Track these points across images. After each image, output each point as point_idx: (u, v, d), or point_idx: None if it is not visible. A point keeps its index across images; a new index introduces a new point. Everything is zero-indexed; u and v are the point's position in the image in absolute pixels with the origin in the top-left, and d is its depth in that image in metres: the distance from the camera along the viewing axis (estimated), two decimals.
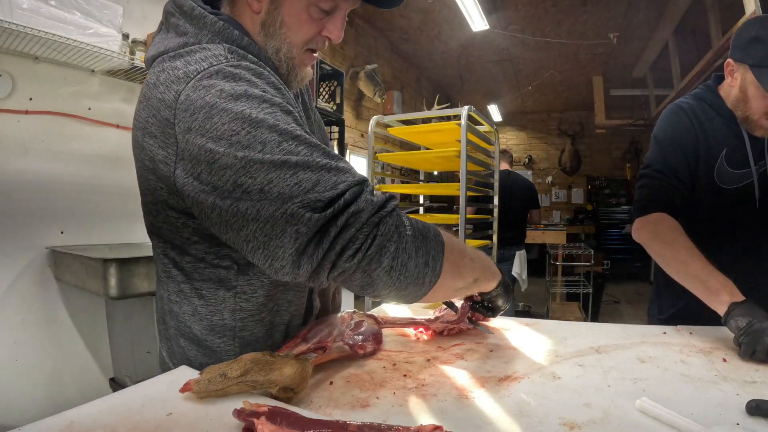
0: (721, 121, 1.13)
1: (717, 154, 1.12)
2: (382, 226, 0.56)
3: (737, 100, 1.10)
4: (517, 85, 6.94)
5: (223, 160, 0.55)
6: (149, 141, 0.62)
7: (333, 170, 0.56)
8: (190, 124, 0.57)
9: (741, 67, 1.07)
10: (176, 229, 0.69)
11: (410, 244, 0.58)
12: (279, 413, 0.51)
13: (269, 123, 0.56)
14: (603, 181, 8.30)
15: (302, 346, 0.74)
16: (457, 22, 4.68)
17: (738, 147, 1.11)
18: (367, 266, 0.55)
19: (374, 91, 4.70)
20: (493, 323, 1.04)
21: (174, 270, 0.73)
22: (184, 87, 0.58)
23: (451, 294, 0.74)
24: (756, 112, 1.06)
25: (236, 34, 0.67)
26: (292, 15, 0.69)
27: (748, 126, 1.09)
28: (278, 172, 0.54)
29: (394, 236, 0.56)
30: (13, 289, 1.80)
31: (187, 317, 0.73)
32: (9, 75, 1.78)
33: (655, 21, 4.65)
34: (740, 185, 1.11)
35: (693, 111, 1.15)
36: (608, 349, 0.85)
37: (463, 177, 1.86)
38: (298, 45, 0.72)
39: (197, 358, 0.74)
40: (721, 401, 0.62)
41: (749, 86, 1.06)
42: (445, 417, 0.59)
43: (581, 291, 4.51)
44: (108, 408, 0.57)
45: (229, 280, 0.71)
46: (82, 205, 2.03)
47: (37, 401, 1.84)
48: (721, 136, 1.12)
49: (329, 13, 0.71)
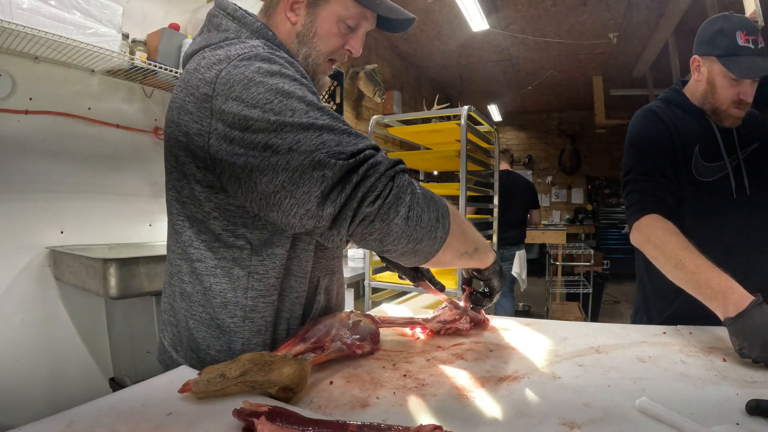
0: (690, 119, 1.19)
1: (691, 150, 1.16)
2: (398, 180, 0.62)
3: (705, 94, 1.16)
4: (517, 85, 6.93)
5: (257, 125, 0.61)
6: (185, 117, 0.69)
7: (353, 134, 0.63)
8: (228, 94, 0.64)
9: (707, 60, 1.14)
10: (199, 204, 0.73)
11: (422, 199, 0.64)
12: (279, 413, 0.51)
13: (299, 95, 0.64)
14: (603, 181, 8.31)
15: (300, 346, 0.75)
16: (457, 22, 4.68)
17: (710, 141, 1.16)
18: (386, 214, 0.60)
19: (374, 91, 4.70)
20: (493, 323, 1.04)
21: (190, 249, 0.76)
22: (225, 66, 0.66)
23: (457, 259, 0.75)
24: (724, 102, 1.12)
25: (270, 34, 0.78)
26: (324, 27, 0.80)
27: (717, 118, 1.15)
28: (306, 134, 0.60)
29: (408, 189, 0.62)
30: (13, 289, 1.80)
31: (200, 296, 0.76)
32: (9, 75, 1.78)
33: (655, 21, 4.65)
34: (716, 177, 1.15)
35: (663, 112, 1.21)
36: (608, 349, 0.85)
37: (462, 177, 1.86)
38: (325, 54, 0.82)
39: (205, 339, 0.76)
40: (721, 401, 0.62)
41: (716, 77, 1.12)
42: (445, 417, 0.59)
43: (581, 291, 4.51)
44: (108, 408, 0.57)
45: (243, 260, 0.74)
46: (82, 205, 2.03)
47: (37, 401, 1.84)
48: (693, 133, 1.17)
49: (353, 30, 0.82)
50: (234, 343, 0.76)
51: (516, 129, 9.08)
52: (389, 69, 5.66)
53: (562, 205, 8.67)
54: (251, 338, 0.76)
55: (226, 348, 0.76)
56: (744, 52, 1.07)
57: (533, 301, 5.16)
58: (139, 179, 2.26)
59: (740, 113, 1.13)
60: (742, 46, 1.07)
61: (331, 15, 0.79)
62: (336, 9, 0.79)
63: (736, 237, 1.15)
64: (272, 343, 0.79)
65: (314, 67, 0.82)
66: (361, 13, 0.80)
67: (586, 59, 5.91)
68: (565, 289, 4.74)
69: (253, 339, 0.77)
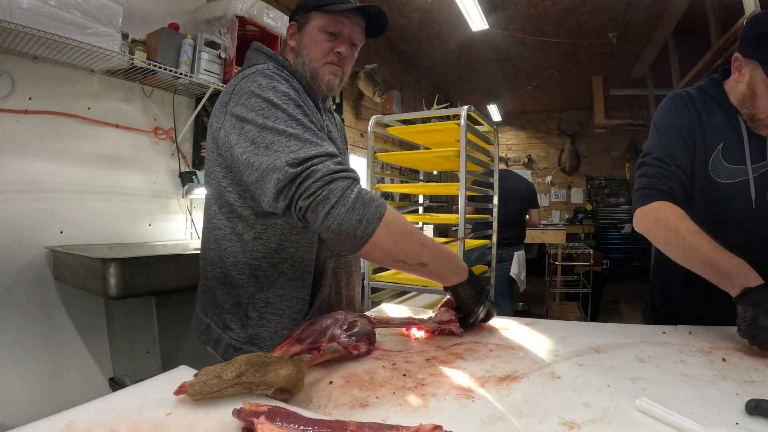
0: (721, 114, 1.09)
1: (713, 147, 1.08)
2: (332, 185, 0.79)
3: (744, 97, 1.05)
4: (517, 84, 6.93)
5: (248, 126, 0.85)
6: (214, 117, 0.94)
7: (313, 143, 0.82)
8: (237, 101, 0.89)
9: (750, 63, 1.02)
10: (218, 181, 0.96)
11: (350, 203, 0.79)
12: (278, 413, 0.51)
13: (282, 108, 0.86)
14: (602, 180, 8.30)
15: (296, 347, 0.75)
16: (456, 22, 4.67)
17: (735, 143, 1.07)
18: (314, 209, 0.79)
19: (374, 91, 4.70)
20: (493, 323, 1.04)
21: (214, 220, 0.99)
22: (240, 81, 0.92)
23: (392, 262, 0.86)
24: (764, 111, 1.01)
25: (281, 59, 1.03)
26: (309, 39, 1.02)
27: (754, 125, 1.05)
28: (279, 137, 0.83)
29: (338, 193, 0.79)
30: (13, 289, 1.80)
31: (218, 259, 0.98)
32: (8, 75, 1.78)
33: (654, 21, 4.64)
34: (734, 181, 1.07)
35: (692, 100, 1.12)
36: (608, 349, 0.85)
37: (462, 177, 1.86)
38: (317, 59, 1.02)
39: (222, 295, 0.98)
40: (721, 401, 0.62)
41: (758, 83, 1.00)
42: (444, 417, 0.59)
43: (581, 291, 4.51)
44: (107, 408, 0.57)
45: (251, 226, 0.95)
46: (82, 204, 2.03)
47: (37, 401, 1.84)
48: (719, 130, 1.08)
49: (336, 36, 1.01)
50: (241, 297, 0.95)
51: (516, 129, 9.08)
52: (389, 69, 5.66)
53: (561, 205, 8.67)
54: (255, 293, 0.95)
55: (236, 302, 0.96)
56: None
57: (533, 300, 5.16)
58: (138, 179, 2.26)
59: None
60: None
61: (312, 29, 1.01)
62: (314, 23, 1.01)
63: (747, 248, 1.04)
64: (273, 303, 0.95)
65: (312, 71, 1.02)
66: (331, 18, 0.99)
67: (585, 59, 5.91)
68: (565, 289, 4.74)
69: (257, 294, 0.95)
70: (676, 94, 1.15)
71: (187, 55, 2.15)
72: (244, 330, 0.96)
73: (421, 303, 2.00)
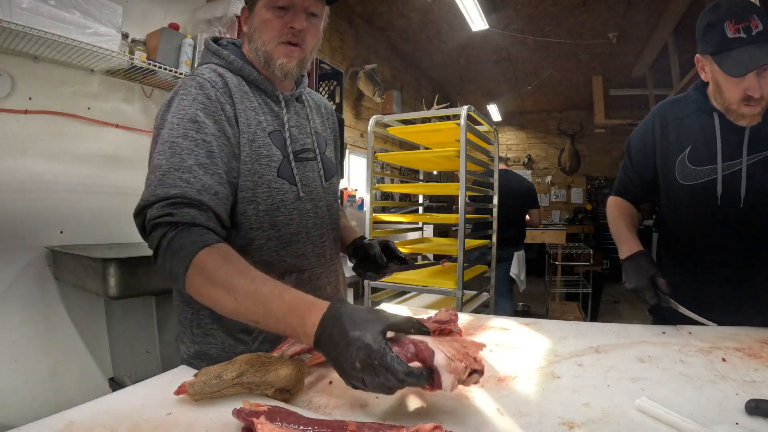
0: (697, 117, 1.12)
1: (679, 153, 1.13)
2: (153, 234, 0.76)
3: (714, 94, 1.08)
4: (517, 84, 6.93)
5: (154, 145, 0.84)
6: None
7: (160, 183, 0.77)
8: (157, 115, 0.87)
9: (706, 59, 1.05)
10: None
11: (161, 254, 0.74)
12: (278, 413, 0.51)
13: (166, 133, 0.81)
14: (602, 180, 8.30)
15: (296, 347, 0.75)
16: (456, 22, 4.67)
17: (707, 144, 1.09)
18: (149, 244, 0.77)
19: (374, 91, 4.70)
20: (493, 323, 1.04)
21: None
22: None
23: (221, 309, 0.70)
24: (732, 101, 1.03)
25: (225, 53, 0.94)
26: (260, 19, 0.91)
27: (732, 116, 1.06)
28: (150, 171, 0.81)
29: (155, 243, 0.75)
30: (13, 289, 1.80)
31: None
32: (8, 75, 1.78)
33: (654, 21, 4.64)
34: (700, 181, 1.10)
35: (664, 111, 1.19)
36: (607, 349, 0.85)
37: (462, 177, 1.86)
38: (269, 41, 0.91)
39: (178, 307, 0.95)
40: (721, 401, 0.62)
41: (718, 76, 1.03)
42: (444, 416, 0.59)
43: (580, 291, 4.51)
44: (107, 408, 0.57)
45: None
46: (82, 204, 2.03)
47: (37, 401, 1.84)
48: (689, 134, 1.12)
49: (287, 9, 0.89)
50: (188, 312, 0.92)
51: (516, 129, 9.08)
52: (389, 69, 5.66)
53: (561, 205, 8.67)
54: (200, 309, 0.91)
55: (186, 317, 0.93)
56: (735, 44, 0.96)
57: (533, 300, 5.16)
58: (138, 179, 2.23)
59: (754, 110, 1.01)
60: (732, 38, 0.96)
61: (260, 8, 0.90)
62: (261, 1, 0.90)
63: (719, 246, 1.11)
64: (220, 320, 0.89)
65: (266, 54, 0.92)
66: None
67: (585, 59, 5.91)
68: (565, 289, 4.74)
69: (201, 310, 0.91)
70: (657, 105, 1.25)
71: (187, 55, 2.15)
72: (192, 345, 0.92)
73: (421, 303, 2.00)
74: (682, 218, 1.18)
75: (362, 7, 4.64)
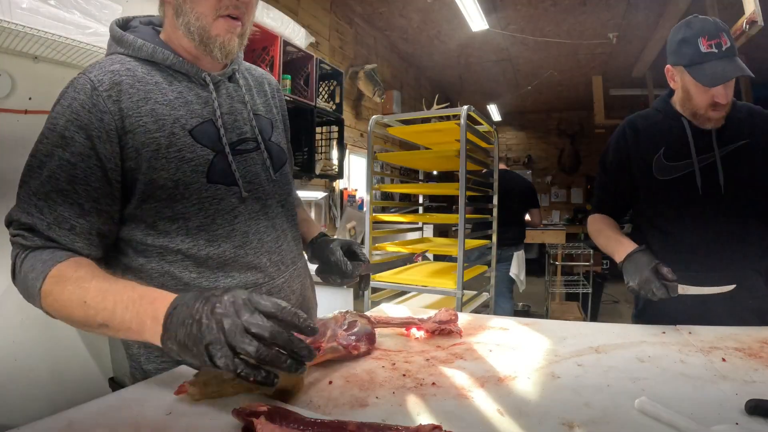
0: (665, 123, 1.24)
1: (655, 153, 1.23)
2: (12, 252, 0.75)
3: (683, 101, 1.20)
4: (517, 84, 6.93)
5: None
6: None
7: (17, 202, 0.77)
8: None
9: (677, 69, 1.17)
10: None
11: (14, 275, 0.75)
12: (278, 413, 0.51)
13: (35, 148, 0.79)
14: None
15: None
16: (456, 22, 4.67)
17: (680, 143, 1.20)
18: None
19: (374, 91, 4.70)
20: (493, 323, 1.04)
21: None
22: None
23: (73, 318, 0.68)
24: (701, 107, 1.15)
25: (129, 39, 0.80)
26: None
27: (698, 121, 1.18)
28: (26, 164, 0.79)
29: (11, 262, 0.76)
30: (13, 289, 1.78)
31: None
32: (8, 75, 1.78)
33: (655, 21, 4.64)
34: (679, 175, 1.20)
35: (634, 121, 1.30)
36: (607, 349, 0.85)
37: (462, 177, 1.86)
38: (206, 13, 0.76)
39: None
40: (720, 401, 0.62)
41: (689, 85, 1.15)
42: (444, 416, 0.59)
43: (580, 291, 4.50)
44: (107, 408, 0.57)
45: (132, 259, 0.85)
46: None
47: (37, 401, 1.84)
48: (661, 137, 1.23)
49: None
50: None
51: (515, 129, 9.08)
52: (389, 69, 5.66)
53: (561, 205, 8.67)
54: None
55: None
56: (708, 58, 1.08)
57: (533, 300, 5.15)
58: None
59: (718, 114, 1.15)
60: (705, 52, 1.08)
61: None
62: None
63: (704, 234, 1.18)
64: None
65: (201, 31, 0.77)
66: None
67: (585, 59, 5.91)
68: (565, 289, 4.73)
69: None
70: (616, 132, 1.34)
71: None
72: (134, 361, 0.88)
73: (421, 303, 2.00)
74: (665, 213, 1.24)
75: (362, 7, 4.64)
